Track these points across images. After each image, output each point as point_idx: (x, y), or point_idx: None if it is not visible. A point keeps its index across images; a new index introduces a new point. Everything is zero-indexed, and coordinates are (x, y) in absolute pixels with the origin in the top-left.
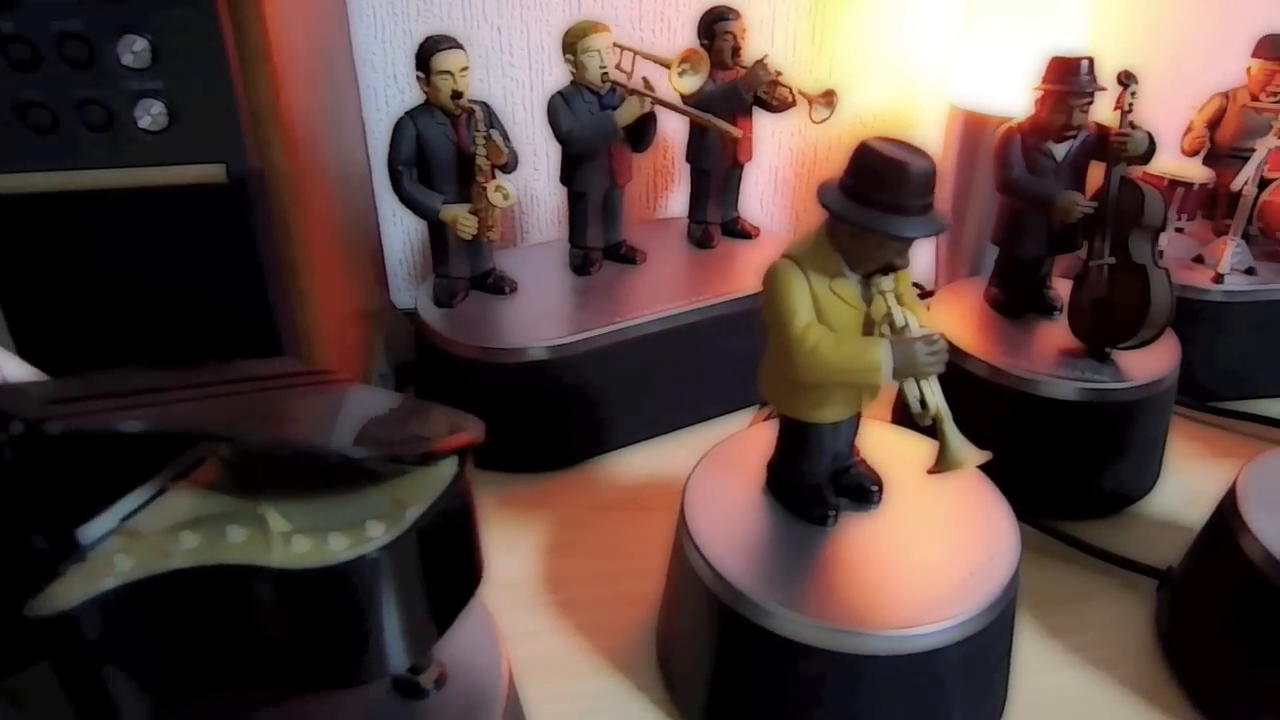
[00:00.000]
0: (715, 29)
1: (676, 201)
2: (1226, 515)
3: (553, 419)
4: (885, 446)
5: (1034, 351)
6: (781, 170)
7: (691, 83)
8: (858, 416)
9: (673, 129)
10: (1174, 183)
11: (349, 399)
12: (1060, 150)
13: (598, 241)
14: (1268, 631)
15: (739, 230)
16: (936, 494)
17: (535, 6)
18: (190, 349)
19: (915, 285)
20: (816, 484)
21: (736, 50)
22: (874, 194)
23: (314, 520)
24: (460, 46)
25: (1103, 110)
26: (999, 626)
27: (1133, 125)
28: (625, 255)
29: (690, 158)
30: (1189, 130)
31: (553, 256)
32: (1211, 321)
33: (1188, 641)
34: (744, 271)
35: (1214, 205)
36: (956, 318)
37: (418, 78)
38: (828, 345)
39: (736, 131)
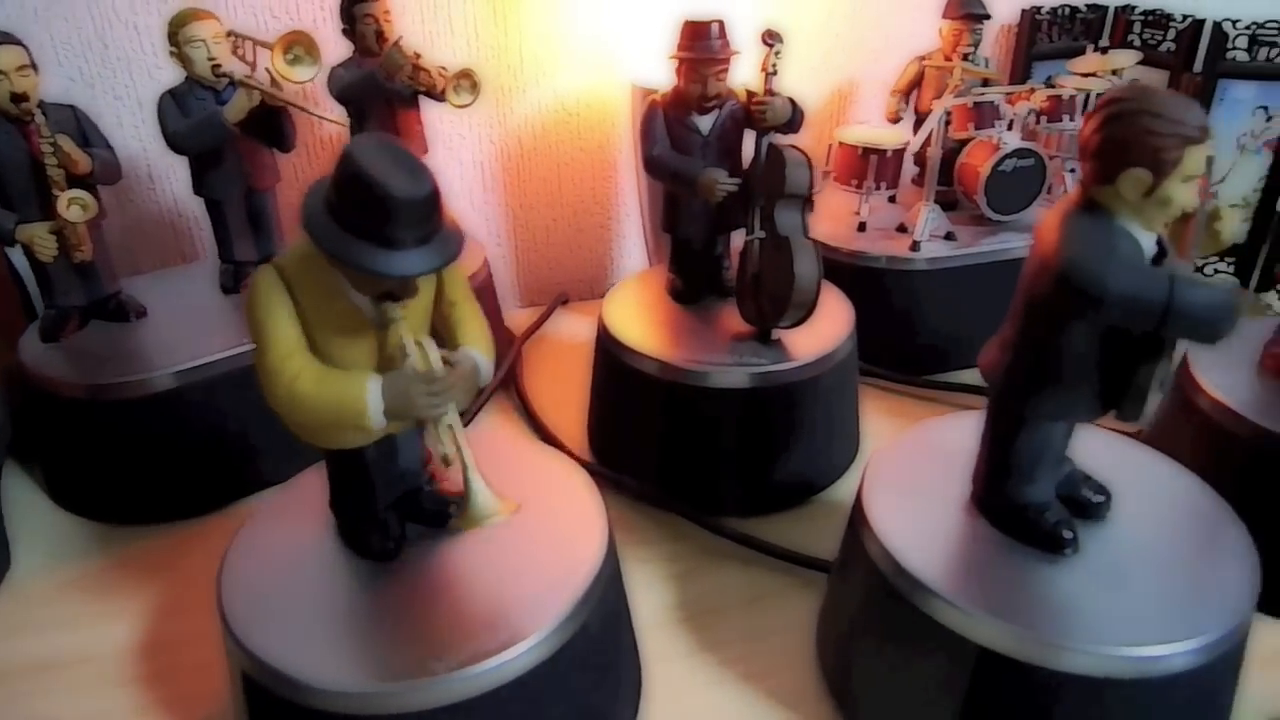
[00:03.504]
0: (355, 12)
1: None
2: (856, 509)
3: (186, 458)
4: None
5: (703, 340)
6: (488, 165)
7: (304, 71)
8: (417, 429)
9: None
10: (868, 150)
11: None
12: (706, 123)
13: (249, 254)
14: (891, 635)
15: None
16: (534, 503)
17: (176, 1)
18: None
19: None
20: (375, 515)
21: (381, 35)
22: (357, 219)
23: None
24: (15, 42)
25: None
26: (575, 653)
27: (771, 92)
28: None
29: None
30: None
31: (207, 275)
32: (915, 290)
33: (833, 645)
34: None
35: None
36: (634, 310)
37: None
38: (308, 381)
39: (335, 119)
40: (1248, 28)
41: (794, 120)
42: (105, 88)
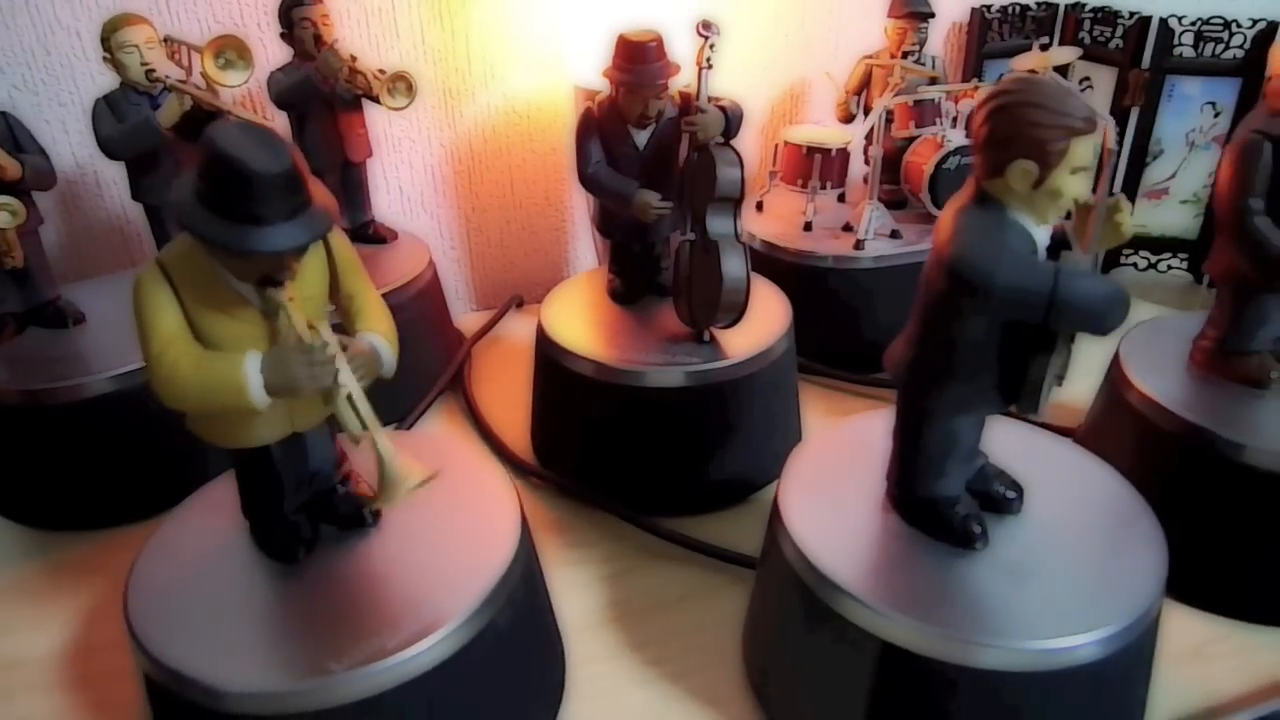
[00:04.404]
0: (293, 16)
1: None
2: (774, 506)
3: (123, 463)
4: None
5: (640, 340)
6: (438, 169)
7: (236, 75)
8: (329, 426)
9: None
10: (813, 150)
11: None
12: (643, 136)
13: None
14: (803, 631)
15: (372, 235)
16: (450, 503)
17: (114, 6)
18: None
19: None
20: (284, 517)
21: (319, 39)
22: (222, 199)
23: None
24: None
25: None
26: (482, 651)
27: (699, 109)
28: None
29: None
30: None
31: None
32: (860, 289)
33: (754, 642)
34: (375, 280)
35: None
36: (573, 310)
37: None
38: (187, 366)
39: (264, 121)
40: (1193, 24)
41: (729, 129)
42: (49, 94)
